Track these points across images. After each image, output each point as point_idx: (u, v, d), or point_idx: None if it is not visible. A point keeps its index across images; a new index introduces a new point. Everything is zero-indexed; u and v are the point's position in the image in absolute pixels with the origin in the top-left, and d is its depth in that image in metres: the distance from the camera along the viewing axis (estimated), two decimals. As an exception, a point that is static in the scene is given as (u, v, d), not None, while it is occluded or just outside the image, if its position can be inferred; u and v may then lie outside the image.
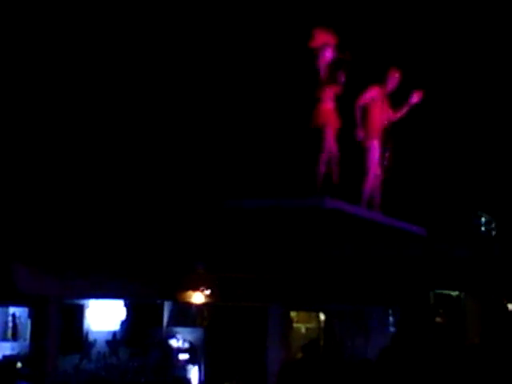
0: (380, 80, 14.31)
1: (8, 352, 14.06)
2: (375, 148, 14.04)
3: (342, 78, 13.24)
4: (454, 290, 17.60)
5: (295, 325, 17.72)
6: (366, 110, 13.97)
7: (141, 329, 16.35)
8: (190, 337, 16.90)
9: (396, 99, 14.53)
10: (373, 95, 13.99)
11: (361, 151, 14.03)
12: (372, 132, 14.01)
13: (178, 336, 16.81)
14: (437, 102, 17.08)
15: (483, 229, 18.88)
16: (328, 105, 13.05)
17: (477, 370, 16.75)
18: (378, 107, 14.09)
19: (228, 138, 14.94)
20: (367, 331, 17.22)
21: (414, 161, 16.52)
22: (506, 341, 18.34)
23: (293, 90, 14.33)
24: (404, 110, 14.53)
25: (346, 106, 13.56)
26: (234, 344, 16.30)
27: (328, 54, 12.99)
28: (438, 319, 18.10)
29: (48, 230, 12.79)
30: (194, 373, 16.46)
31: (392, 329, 17.56)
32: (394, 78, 14.33)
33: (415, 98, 14.49)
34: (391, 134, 14.35)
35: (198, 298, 15.15)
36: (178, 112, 15.13)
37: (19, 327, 14.27)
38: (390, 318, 17.59)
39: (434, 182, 17.18)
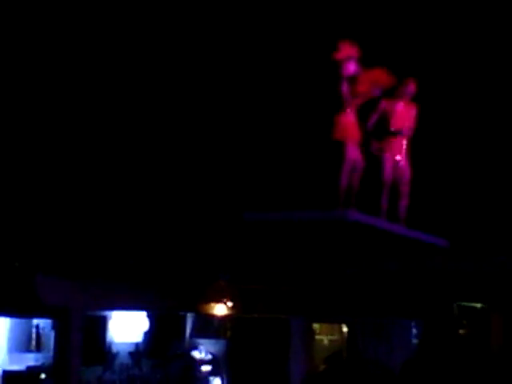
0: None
1: (32, 363, 14.16)
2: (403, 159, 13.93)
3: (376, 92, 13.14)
4: (478, 302, 17.46)
5: (318, 337, 17.69)
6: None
7: (163, 340, 16.39)
8: (212, 348, 16.92)
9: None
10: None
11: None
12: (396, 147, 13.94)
13: (201, 348, 16.83)
14: (455, 110, 17.05)
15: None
16: (349, 117, 12.99)
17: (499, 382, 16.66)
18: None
19: (250, 149, 14.96)
20: (390, 343, 17.15)
21: (438, 171, 16.43)
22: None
23: (316, 101, 14.32)
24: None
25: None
26: (257, 356, 16.29)
27: (351, 67, 12.93)
28: (461, 331, 17.96)
29: (71, 241, 12.86)
30: (216, 384, 16.50)
31: (415, 341, 17.48)
32: (410, 90, 14.16)
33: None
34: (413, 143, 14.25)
35: (220, 309, 15.14)
36: (201, 122, 15.18)
37: (43, 338, 14.37)
38: (413, 330, 17.52)
39: (459, 193, 17.07)
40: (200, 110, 15.21)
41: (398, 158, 13.79)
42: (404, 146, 13.92)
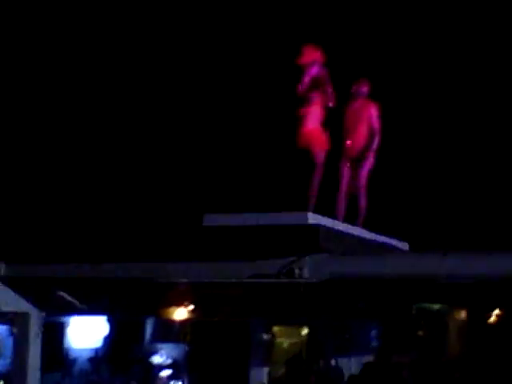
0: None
1: (-10, 370, 13.97)
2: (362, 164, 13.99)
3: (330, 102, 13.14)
4: (437, 304, 17.63)
5: (278, 339, 17.70)
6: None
7: (123, 345, 16.28)
8: (172, 353, 16.84)
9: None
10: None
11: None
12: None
13: (161, 352, 16.74)
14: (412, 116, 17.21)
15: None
16: (313, 124, 12.92)
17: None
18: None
19: (213, 152, 14.94)
20: (350, 346, 17.23)
21: (398, 175, 16.57)
22: (487, 354, 18.49)
23: (284, 106, 14.28)
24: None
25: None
26: (217, 359, 16.25)
27: (314, 71, 12.88)
28: (419, 333, 18.14)
29: (28, 248, 12.71)
30: (177, 388, 16.41)
31: (375, 343, 17.59)
32: (363, 90, 14.16)
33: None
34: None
35: (180, 313, 15.08)
36: (165, 124, 15.13)
37: (1, 345, 14.17)
38: (373, 332, 17.63)
39: (419, 195, 17.23)
40: (165, 113, 15.17)
41: (356, 158, 13.85)
42: (362, 147, 13.95)
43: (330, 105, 13.14)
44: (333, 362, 16.72)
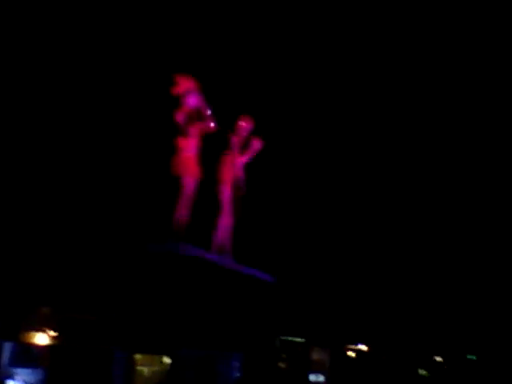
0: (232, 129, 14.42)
1: None
2: (227, 195, 14.14)
3: (211, 126, 13.26)
4: (300, 337, 17.90)
5: (139, 368, 17.45)
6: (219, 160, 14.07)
7: (-22, 369, 15.70)
8: (29, 378, 16.33)
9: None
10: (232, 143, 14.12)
11: (214, 199, 14.10)
12: (225, 180, 14.13)
13: (17, 377, 16.22)
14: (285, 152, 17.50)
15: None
16: (189, 153, 13.01)
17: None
18: (230, 157, 14.23)
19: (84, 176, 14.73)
20: (212, 375, 17.19)
21: (266, 209, 16.79)
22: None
23: (161, 136, 14.28)
24: (247, 157, 14.61)
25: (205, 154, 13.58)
26: (77, 386, 15.89)
27: (192, 100, 12.98)
28: (281, 365, 18.32)
29: None
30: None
31: (237, 374, 17.61)
32: (246, 127, 14.43)
33: (256, 145, 14.57)
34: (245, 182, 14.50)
35: (41, 338, 14.71)
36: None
37: None
38: (236, 363, 17.64)
39: (286, 231, 17.49)
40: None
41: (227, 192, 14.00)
42: (239, 180, 14.15)
43: (211, 129, 13.28)
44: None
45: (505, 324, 16.30)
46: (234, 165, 14.22)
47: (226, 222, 14.26)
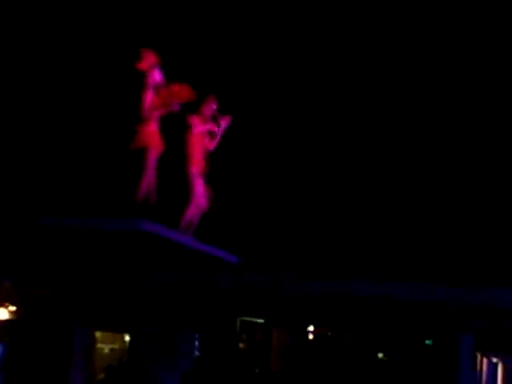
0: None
1: None
2: (200, 178, 14.15)
3: (176, 106, 13.27)
4: (260, 318, 17.98)
5: (99, 345, 17.47)
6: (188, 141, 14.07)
7: None
8: (-11, 353, 16.27)
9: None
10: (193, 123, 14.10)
11: (183, 177, 14.11)
12: (196, 162, 14.13)
13: (-23, 353, 16.14)
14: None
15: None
16: (152, 127, 12.99)
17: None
18: (198, 138, 14.23)
19: (50, 153, 14.64)
20: (173, 354, 17.24)
21: (232, 190, 16.82)
22: (306, 367, 19.03)
23: (120, 110, 14.24)
24: (218, 137, 14.60)
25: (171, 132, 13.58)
26: (36, 362, 15.84)
27: (156, 76, 12.96)
28: (241, 345, 18.41)
29: None
30: (-12, 390, 15.88)
31: (197, 353, 17.70)
32: (211, 107, 14.42)
33: (224, 121, 14.55)
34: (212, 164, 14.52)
35: (1, 313, 14.66)
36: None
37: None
38: (196, 343, 17.72)
39: (251, 212, 17.55)
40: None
41: (195, 170, 14.01)
42: (204, 161, 14.17)
43: (177, 105, 13.31)
44: (154, 370, 16.68)
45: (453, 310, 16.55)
46: (202, 142, 14.22)
47: (194, 201, 14.29)
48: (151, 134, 12.99)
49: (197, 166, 14.16)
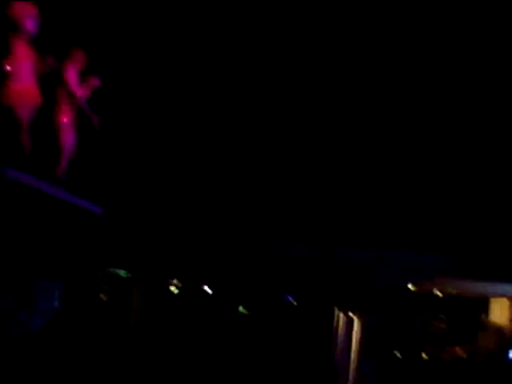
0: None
1: None
2: (69, 124, 13.85)
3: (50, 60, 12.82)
4: (123, 269, 17.91)
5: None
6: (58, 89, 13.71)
7: None
8: None
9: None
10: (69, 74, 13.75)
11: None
12: (63, 112, 13.80)
13: None
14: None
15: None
16: (24, 82, 12.41)
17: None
18: (68, 88, 13.88)
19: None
20: (31, 305, 16.91)
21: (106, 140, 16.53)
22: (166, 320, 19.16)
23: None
24: (84, 92, 14.27)
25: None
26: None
27: (30, 25, 12.36)
28: (102, 296, 18.32)
29: None
30: None
31: (57, 304, 17.43)
32: (80, 58, 14.09)
33: (94, 82, 14.35)
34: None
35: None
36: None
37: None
38: (56, 293, 17.44)
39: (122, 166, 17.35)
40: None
41: (65, 120, 13.73)
42: (71, 111, 13.88)
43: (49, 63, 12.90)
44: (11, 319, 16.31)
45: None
46: (72, 97, 13.87)
47: (64, 152, 14.02)
48: (21, 92, 12.34)
49: (66, 115, 13.83)
